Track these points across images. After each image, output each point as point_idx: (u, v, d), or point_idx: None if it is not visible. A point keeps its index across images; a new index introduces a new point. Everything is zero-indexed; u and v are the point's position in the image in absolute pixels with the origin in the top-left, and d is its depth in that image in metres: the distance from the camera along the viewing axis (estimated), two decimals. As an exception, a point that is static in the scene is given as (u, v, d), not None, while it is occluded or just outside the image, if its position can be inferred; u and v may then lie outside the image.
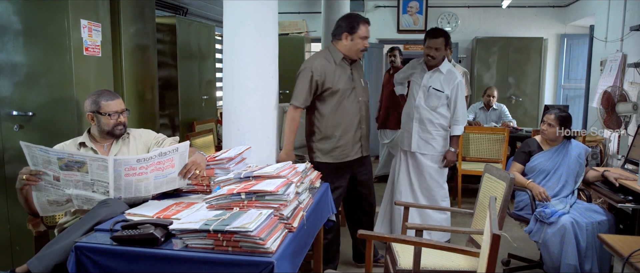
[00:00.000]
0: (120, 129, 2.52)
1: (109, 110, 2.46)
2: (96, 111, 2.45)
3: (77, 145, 2.48)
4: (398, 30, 7.98)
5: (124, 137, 2.58)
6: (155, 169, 2.21)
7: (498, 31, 7.57)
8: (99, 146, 2.52)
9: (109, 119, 2.46)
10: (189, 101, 5.17)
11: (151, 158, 2.19)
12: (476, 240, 2.62)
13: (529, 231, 3.09)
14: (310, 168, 2.64)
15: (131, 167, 2.14)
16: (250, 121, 2.84)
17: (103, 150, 2.52)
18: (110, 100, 2.47)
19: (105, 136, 2.52)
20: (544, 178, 3.25)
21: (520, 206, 3.31)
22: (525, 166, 3.32)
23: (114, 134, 2.51)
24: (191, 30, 5.20)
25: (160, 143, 2.62)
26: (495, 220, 1.63)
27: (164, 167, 2.25)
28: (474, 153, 5.16)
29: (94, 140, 2.53)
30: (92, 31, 3.05)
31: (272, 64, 2.90)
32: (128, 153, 2.54)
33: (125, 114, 2.54)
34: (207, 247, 1.73)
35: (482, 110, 5.89)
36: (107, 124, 2.47)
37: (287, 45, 7.02)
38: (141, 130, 2.71)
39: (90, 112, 2.47)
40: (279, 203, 1.93)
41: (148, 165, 2.18)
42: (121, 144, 2.57)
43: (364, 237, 2.26)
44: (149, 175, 2.20)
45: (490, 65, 7.32)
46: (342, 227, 3.86)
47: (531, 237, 3.08)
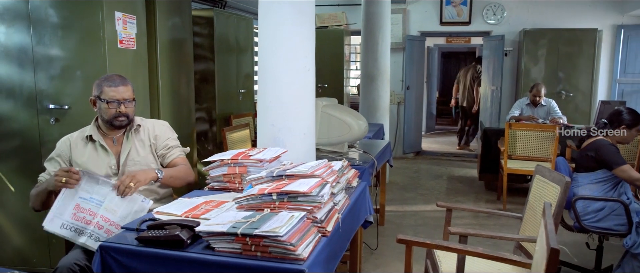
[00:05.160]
0: (121, 120, 2.30)
1: (109, 96, 2.25)
2: (97, 96, 2.28)
3: (84, 139, 2.36)
4: (441, 22, 7.70)
5: (135, 130, 2.41)
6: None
7: (547, 22, 7.16)
8: (108, 140, 2.37)
9: (108, 107, 2.26)
10: (226, 95, 5.12)
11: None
12: (526, 247, 2.42)
13: (631, 244, 2.76)
14: (347, 166, 2.50)
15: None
16: (285, 117, 2.71)
17: (112, 145, 2.38)
18: (114, 86, 2.26)
19: (110, 127, 2.34)
20: None
21: (599, 217, 3.03)
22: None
23: (115, 125, 2.32)
24: (229, 23, 5.14)
25: (165, 154, 2.47)
26: (552, 231, 1.45)
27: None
28: (521, 151, 4.89)
29: (102, 132, 2.37)
30: (126, 24, 3.01)
31: (308, 57, 2.76)
32: (143, 150, 2.41)
33: (128, 104, 2.31)
34: (234, 251, 1.63)
35: (529, 106, 5.58)
36: (106, 112, 2.27)
37: (326, 38, 6.92)
38: (157, 123, 2.54)
39: (92, 96, 2.30)
40: (312, 205, 1.81)
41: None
42: (133, 138, 2.40)
43: (404, 242, 2.11)
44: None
45: (539, 59, 6.95)
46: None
47: (633, 250, 2.74)
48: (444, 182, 6.31)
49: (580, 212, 3.01)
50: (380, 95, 6.03)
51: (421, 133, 8.62)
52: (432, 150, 8.53)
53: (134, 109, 2.38)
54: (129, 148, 2.38)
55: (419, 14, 7.70)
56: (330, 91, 6.91)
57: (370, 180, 3.21)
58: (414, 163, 7.49)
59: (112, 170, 2.35)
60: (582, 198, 3.03)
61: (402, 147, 7.94)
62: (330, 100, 3.65)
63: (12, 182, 3.08)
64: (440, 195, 5.63)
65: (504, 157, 4.84)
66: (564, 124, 5.18)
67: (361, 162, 3.25)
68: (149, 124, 2.50)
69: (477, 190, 5.83)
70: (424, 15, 7.75)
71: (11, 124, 3.03)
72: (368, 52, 6.00)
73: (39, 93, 2.95)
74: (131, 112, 2.35)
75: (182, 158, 2.53)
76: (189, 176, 2.50)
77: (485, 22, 7.52)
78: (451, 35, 8.71)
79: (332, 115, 3.36)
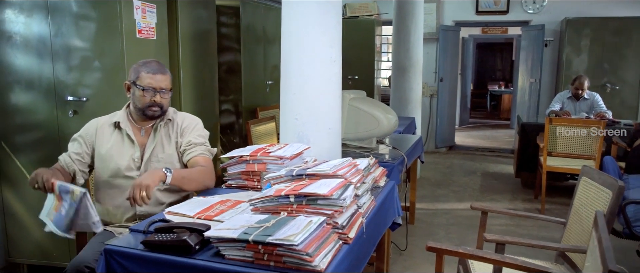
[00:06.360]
0: (154, 110, 2.15)
1: (145, 83, 2.11)
2: (133, 81, 2.14)
3: (111, 125, 2.23)
4: (477, 12, 7.38)
5: (165, 123, 2.26)
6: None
7: (592, 11, 6.75)
8: (136, 130, 2.22)
9: (143, 95, 2.12)
10: (253, 87, 4.99)
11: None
12: (571, 257, 2.20)
13: None
14: (374, 164, 2.32)
15: None
16: (309, 110, 2.54)
17: (139, 136, 2.22)
18: (152, 72, 2.12)
19: (142, 116, 2.19)
20: None
21: None
22: None
23: (146, 115, 2.18)
24: (257, 13, 5.00)
25: (186, 150, 2.25)
26: (609, 248, 1.25)
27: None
28: (562, 148, 4.60)
29: (132, 120, 2.23)
30: (146, 13, 2.90)
31: (334, 47, 2.58)
32: (168, 147, 2.26)
33: (165, 94, 2.17)
34: (246, 260, 1.48)
35: (570, 100, 5.26)
36: (140, 100, 2.14)
37: (357, 28, 6.73)
38: (187, 117, 2.35)
39: (128, 80, 2.16)
40: (333, 210, 1.64)
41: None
42: (161, 132, 2.24)
43: (434, 250, 1.92)
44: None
45: (582, 50, 6.57)
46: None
47: None
48: (478, 178, 6.05)
49: (632, 217, 2.76)
50: (412, 88, 5.82)
51: (454, 126, 8.33)
52: (465, 145, 8.24)
53: (169, 101, 2.23)
54: (155, 143, 2.23)
55: (453, 3, 7.41)
56: (360, 83, 6.73)
57: (400, 178, 3.02)
58: (447, 159, 7.23)
59: (135, 163, 2.21)
60: (634, 203, 2.77)
61: (435, 141, 7.69)
62: (358, 92, 3.47)
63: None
64: (474, 192, 5.38)
65: (543, 154, 4.56)
66: (610, 118, 4.85)
67: (390, 159, 3.07)
68: (179, 117, 2.32)
69: (514, 188, 5.54)
70: (458, 5, 7.44)
71: (31, 116, 2.98)
72: (400, 42, 5.79)
73: (58, 85, 2.88)
74: (166, 103, 2.21)
75: (204, 158, 2.26)
76: (207, 180, 2.22)
77: (524, 11, 7.17)
78: (487, 25, 8.36)
79: (360, 109, 3.19)
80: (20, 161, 3.04)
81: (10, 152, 3.03)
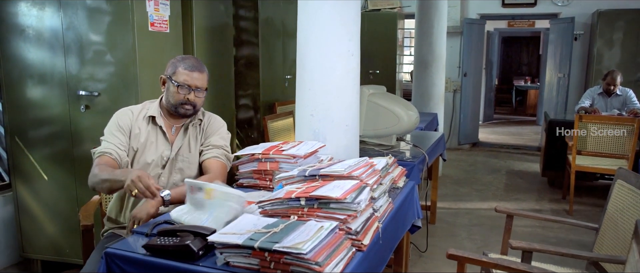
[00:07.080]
0: (187, 108, 2.07)
1: (181, 80, 2.03)
2: (169, 76, 2.07)
3: (146, 119, 2.13)
4: (503, 4, 7.15)
5: (195, 124, 2.18)
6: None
7: (625, 2, 6.44)
8: (167, 126, 2.14)
9: (178, 91, 2.04)
10: (271, 81, 4.89)
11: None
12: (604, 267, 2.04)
13: None
14: (392, 163, 2.20)
15: None
16: (325, 106, 2.43)
17: (170, 133, 2.15)
18: (190, 69, 2.05)
19: (173, 114, 2.12)
20: None
21: None
22: None
23: (178, 113, 2.10)
24: (276, 6, 4.89)
25: (203, 151, 2.18)
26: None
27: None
28: (593, 146, 4.39)
29: (165, 115, 2.15)
30: (159, 5, 2.82)
31: (352, 40, 2.45)
32: (194, 147, 2.17)
33: (199, 94, 2.08)
34: (252, 268, 1.38)
35: (601, 96, 5.02)
36: (173, 96, 2.05)
37: (378, 22, 6.59)
38: (213, 118, 2.27)
39: (164, 74, 2.09)
40: (346, 214, 1.53)
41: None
42: (191, 132, 2.17)
43: (455, 258, 1.80)
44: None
45: (614, 43, 6.30)
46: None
47: None
48: (503, 177, 5.85)
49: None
50: (435, 83, 5.65)
51: (478, 123, 8.11)
52: (489, 142, 8.03)
53: (203, 101, 2.15)
54: (183, 143, 2.15)
55: (478, -5, 7.20)
56: (381, 78, 6.58)
57: (420, 178, 2.89)
58: (470, 156, 7.04)
59: (162, 160, 2.13)
60: None
61: (458, 137, 7.51)
62: (378, 88, 3.34)
63: (44, 170, 2.99)
64: (498, 191, 5.20)
65: (572, 152, 4.36)
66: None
67: (410, 157, 2.94)
68: (206, 118, 2.24)
69: (540, 187, 5.35)
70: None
71: (44, 112, 2.94)
72: (422, 36, 5.63)
73: (70, 79, 2.82)
74: (199, 102, 2.12)
75: (217, 162, 2.16)
76: None
77: (553, 3, 6.92)
78: (514, 18, 8.10)
79: (379, 105, 3.06)
80: (33, 157, 3.00)
81: (24, 147, 3.00)
